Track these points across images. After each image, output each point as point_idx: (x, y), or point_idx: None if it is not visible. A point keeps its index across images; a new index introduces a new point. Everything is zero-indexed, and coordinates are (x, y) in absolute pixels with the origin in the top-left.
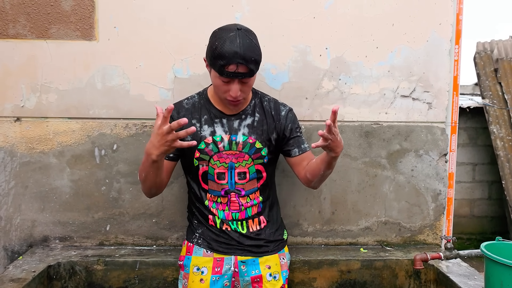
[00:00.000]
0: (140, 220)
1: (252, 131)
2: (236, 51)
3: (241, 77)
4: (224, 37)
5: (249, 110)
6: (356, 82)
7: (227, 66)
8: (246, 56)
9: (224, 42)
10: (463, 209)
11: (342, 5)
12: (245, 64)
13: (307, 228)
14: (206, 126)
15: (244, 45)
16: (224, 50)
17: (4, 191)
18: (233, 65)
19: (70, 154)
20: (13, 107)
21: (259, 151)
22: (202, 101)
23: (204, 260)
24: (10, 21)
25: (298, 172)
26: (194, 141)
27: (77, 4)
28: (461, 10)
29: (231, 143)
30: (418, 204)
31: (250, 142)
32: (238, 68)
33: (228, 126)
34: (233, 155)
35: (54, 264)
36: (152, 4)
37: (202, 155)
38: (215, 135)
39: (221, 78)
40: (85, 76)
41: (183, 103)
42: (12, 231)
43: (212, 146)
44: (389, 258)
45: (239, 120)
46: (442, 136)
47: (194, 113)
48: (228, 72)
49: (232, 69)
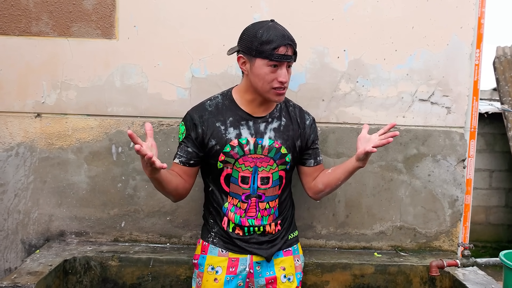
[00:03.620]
0: (154, 218)
1: (278, 136)
2: (284, 34)
3: (289, 59)
4: (265, 26)
5: (275, 114)
6: (374, 85)
7: (277, 48)
8: (292, 38)
9: (269, 29)
10: (478, 216)
11: (361, 7)
12: (293, 46)
13: (321, 231)
14: (232, 129)
15: (286, 30)
16: (272, 34)
17: (24, 185)
18: (283, 46)
19: (88, 150)
20: (34, 103)
21: (283, 156)
22: (226, 102)
23: (219, 259)
24: (33, 19)
25: (307, 182)
26: (164, 164)
27: (99, 3)
28: (483, 14)
29: (257, 147)
30: (435, 210)
31: (276, 146)
32: (288, 50)
33: (254, 129)
34: (258, 159)
35: (70, 259)
36: (171, 4)
37: (228, 158)
38: (240, 138)
39: (270, 63)
40: (104, 74)
41: (205, 105)
42: (30, 225)
43: (238, 149)
44: (404, 263)
45: (266, 123)
46: (460, 141)
47: (218, 115)
48: (279, 54)
49: (282, 51)
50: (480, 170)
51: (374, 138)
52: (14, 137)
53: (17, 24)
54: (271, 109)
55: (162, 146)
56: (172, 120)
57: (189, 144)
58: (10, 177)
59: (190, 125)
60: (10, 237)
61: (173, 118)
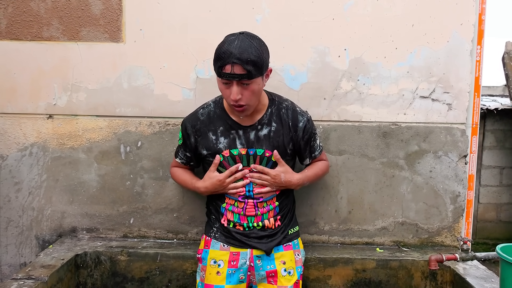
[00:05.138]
0: (162, 215)
1: (268, 144)
2: (232, 51)
3: (238, 78)
4: (224, 40)
5: (265, 120)
6: (375, 82)
7: (223, 67)
8: (241, 56)
9: (223, 44)
10: (489, 214)
11: (361, 7)
12: (240, 64)
13: (324, 227)
14: (222, 138)
15: (241, 46)
16: (221, 51)
17: (37, 184)
18: (228, 65)
19: (97, 150)
20: (46, 105)
21: (276, 163)
22: (217, 111)
23: (221, 253)
24: (44, 24)
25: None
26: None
27: (106, 8)
28: (483, 10)
29: (249, 157)
30: (436, 206)
31: (266, 155)
32: (234, 69)
33: (244, 138)
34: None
35: (81, 253)
36: (176, 8)
37: (220, 168)
38: (232, 149)
39: (221, 81)
40: (112, 76)
41: (198, 115)
42: (44, 222)
43: (230, 161)
44: (405, 258)
45: (255, 131)
46: (462, 137)
47: (209, 125)
48: (225, 73)
49: (228, 70)
50: (491, 167)
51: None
52: (28, 138)
53: (29, 30)
54: (260, 115)
55: (168, 145)
56: (178, 120)
57: (186, 150)
58: (24, 176)
59: (185, 134)
60: (25, 233)
61: (179, 118)
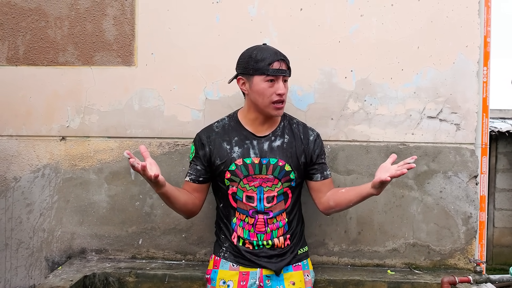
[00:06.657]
0: (170, 235)
1: (281, 154)
2: (275, 51)
3: (284, 73)
4: (258, 48)
5: (278, 132)
6: (382, 103)
7: (271, 64)
8: (284, 55)
9: (261, 49)
10: (505, 238)
11: (366, 29)
12: (285, 61)
13: (333, 248)
14: (237, 148)
15: (277, 49)
16: (265, 53)
17: (48, 205)
18: (276, 62)
19: (108, 170)
20: (59, 127)
21: (288, 174)
22: (232, 123)
23: (230, 273)
24: (60, 50)
25: (316, 196)
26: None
27: (120, 34)
28: (488, 33)
29: (262, 167)
30: (448, 227)
31: (279, 165)
32: (281, 65)
33: (258, 148)
34: (263, 179)
35: (90, 275)
36: (186, 32)
37: (233, 177)
38: (245, 158)
39: (267, 78)
40: (124, 99)
41: (213, 127)
42: (54, 243)
43: (243, 169)
44: (417, 281)
45: (269, 142)
46: (471, 157)
47: (224, 136)
48: (274, 69)
49: (276, 66)
50: (505, 190)
51: (392, 169)
52: (41, 159)
53: (45, 55)
54: (274, 127)
55: (177, 166)
56: (187, 141)
57: (198, 162)
58: (36, 197)
59: (199, 144)
60: (35, 255)
61: (188, 139)
